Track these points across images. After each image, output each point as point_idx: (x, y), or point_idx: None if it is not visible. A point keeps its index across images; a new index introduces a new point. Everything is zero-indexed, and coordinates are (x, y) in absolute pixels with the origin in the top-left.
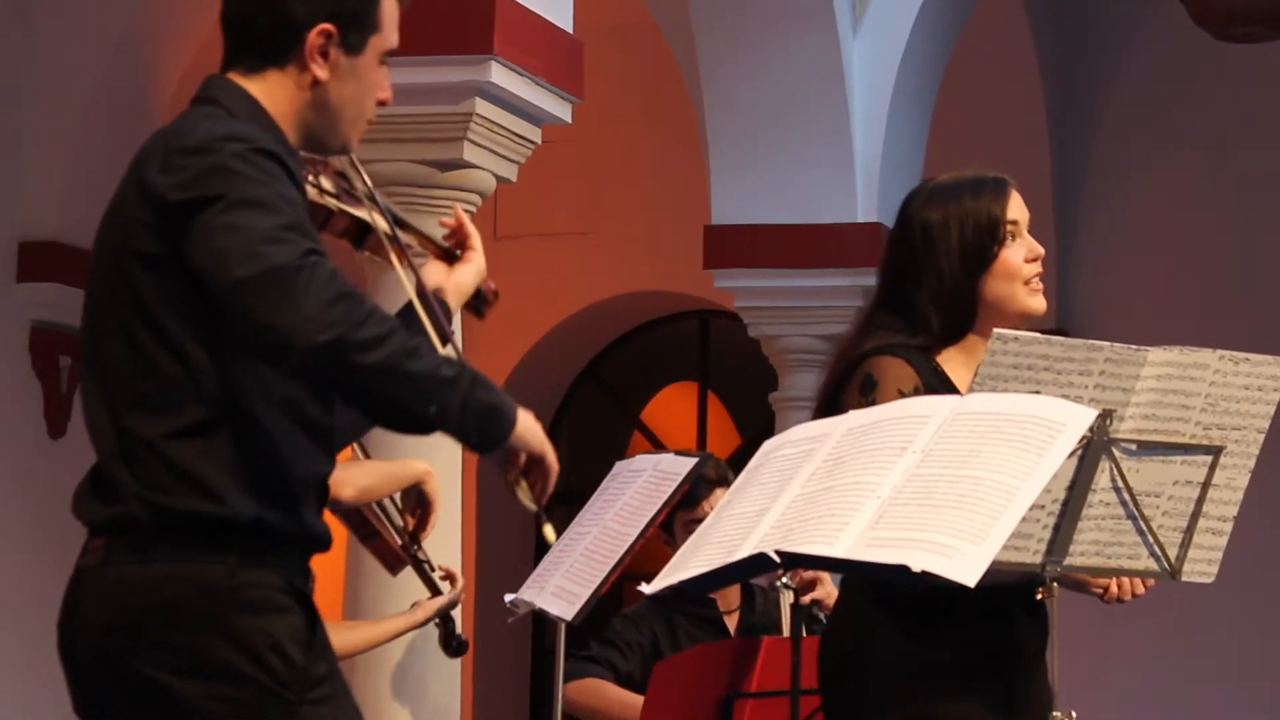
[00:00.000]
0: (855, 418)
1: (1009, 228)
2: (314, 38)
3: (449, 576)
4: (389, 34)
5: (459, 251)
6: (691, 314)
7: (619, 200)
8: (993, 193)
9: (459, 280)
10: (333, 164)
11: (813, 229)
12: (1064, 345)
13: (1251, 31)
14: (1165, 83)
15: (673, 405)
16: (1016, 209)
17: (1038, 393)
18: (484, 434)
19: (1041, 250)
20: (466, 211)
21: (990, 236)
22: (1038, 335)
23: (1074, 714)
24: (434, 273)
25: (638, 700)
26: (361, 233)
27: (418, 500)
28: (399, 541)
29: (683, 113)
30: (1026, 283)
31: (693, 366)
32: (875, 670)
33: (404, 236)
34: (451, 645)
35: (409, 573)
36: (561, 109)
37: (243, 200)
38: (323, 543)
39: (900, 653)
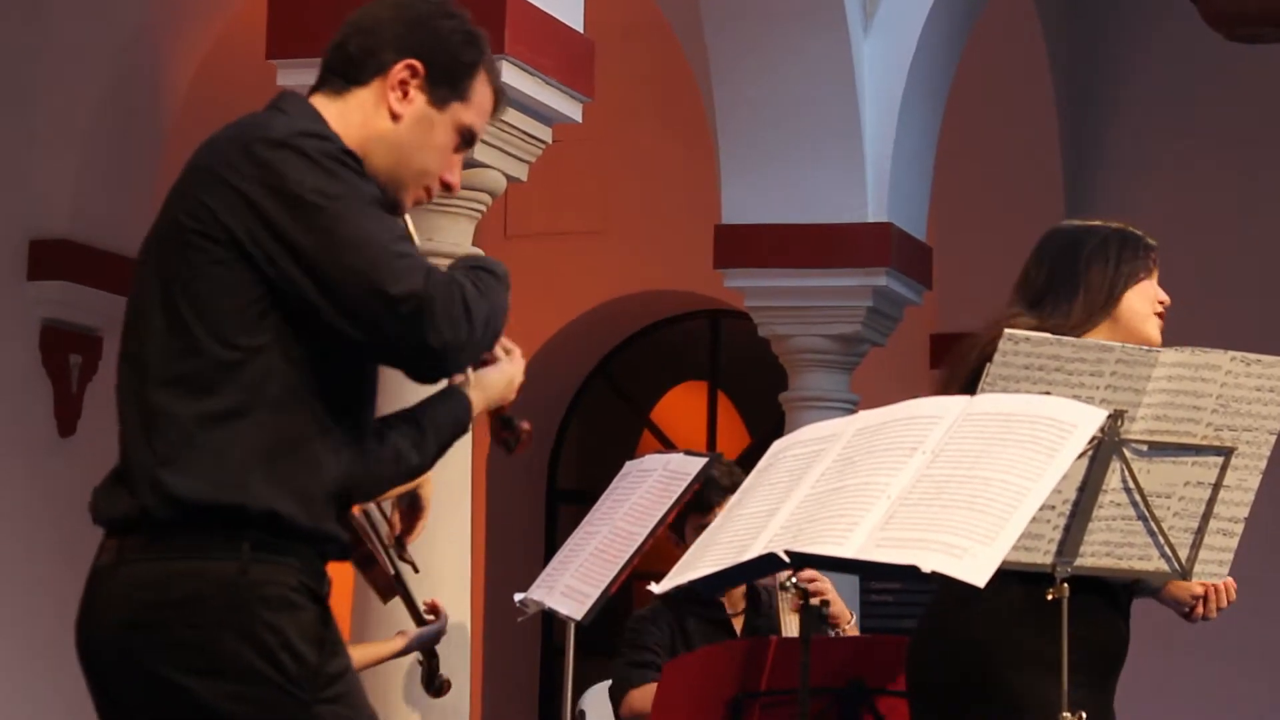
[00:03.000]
0: (865, 418)
1: (1153, 264)
2: (399, 69)
3: (433, 609)
4: (475, 114)
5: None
6: (702, 313)
7: (629, 200)
8: (1147, 241)
9: (484, 377)
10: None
11: (823, 229)
12: (1075, 346)
13: (1262, 33)
14: (1177, 82)
15: (683, 405)
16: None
17: (1049, 393)
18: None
19: (1169, 300)
20: (477, 211)
21: (1142, 260)
22: (1049, 336)
23: (1084, 715)
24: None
25: None
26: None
27: (410, 504)
28: (393, 571)
29: (693, 112)
30: (1156, 313)
31: (703, 366)
32: (986, 658)
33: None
34: (434, 685)
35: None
36: (572, 108)
37: (352, 210)
38: (339, 545)
39: (1014, 643)
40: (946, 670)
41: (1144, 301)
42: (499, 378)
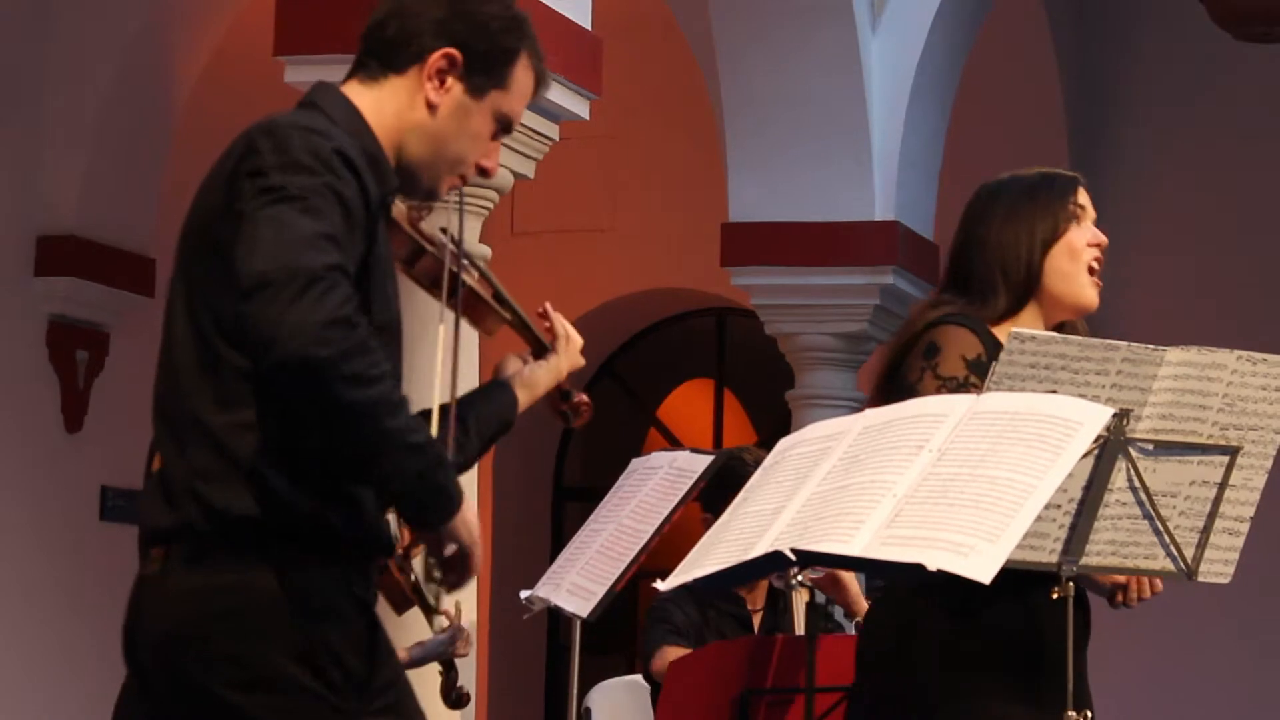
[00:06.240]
0: (871, 416)
1: (1077, 209)
2: (436, 58)
3: (448, 616)
4: (513, 101)
5: (551, 346)
6: (708, 311)
7: (636, 197)
8: (1065, 182)
9: (531, 375)
10: (437, 217)
11: (830, 226)
12: (1081, 344)
13: (1270, 31)
14: (1185, 79)
15: (689, 402)
16: (1084, 198)
17: (1054, 392)
18: (425, 511)
19: (1105, 240)
20: (483, 209)
21: (1059, 213)
22: (1055, 335)
23: (1089, 714)
24: (511, 362)
25: None
26: (450, 287)
27: None
28: (412, 579)
29: (701, 110)
30: (1089, 270)
31: (709, 363)
32: (917, 660)
33: (500, 311)
34: (451, 697)
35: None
36: (580, 106)
37: (296, 197)
38: (385, 546)
39: (942, 642)
40: (889, 669)
41: (1070, 258)
42: (546, 375)
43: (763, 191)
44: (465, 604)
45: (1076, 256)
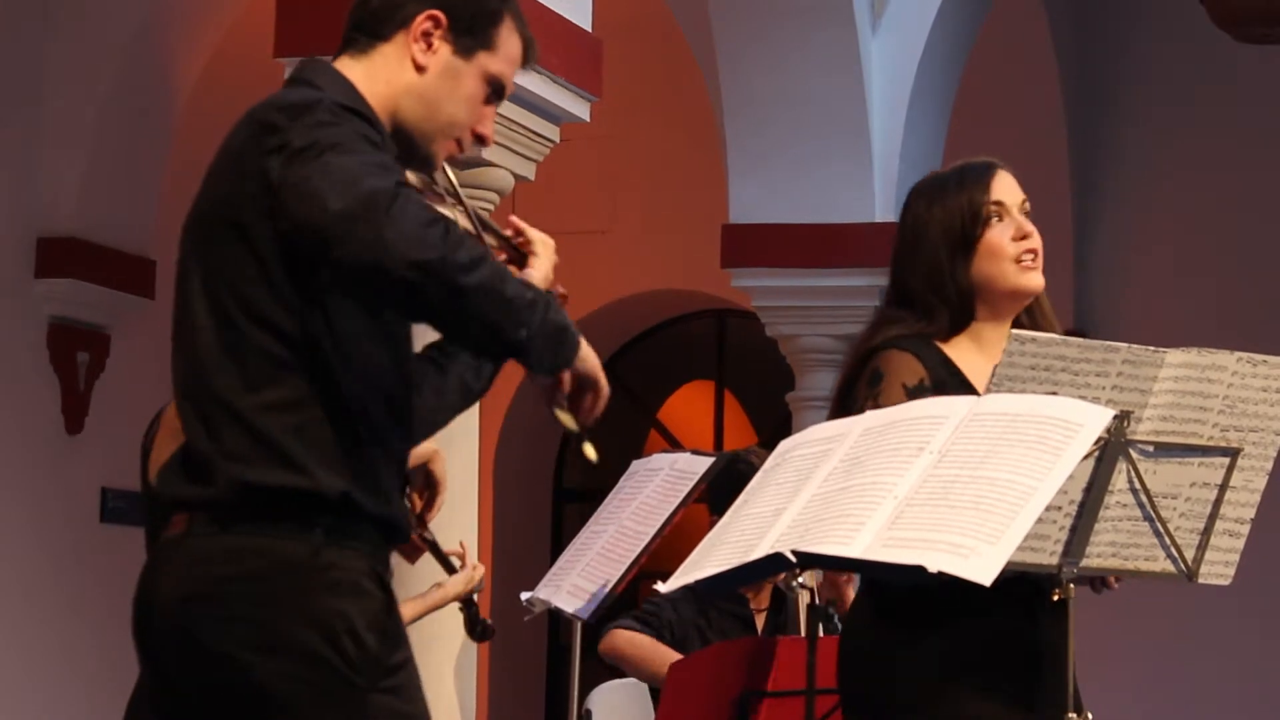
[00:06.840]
0: (872, 418)
1: (992, 208)
2: (421, 20)
3: (459, 556)
4: (502, 63)
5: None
6: (709, 313)
7: (637, 199)
8: (975, 177)
9: (529, 278)
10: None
11: (831, 228)
12: (1081, 346)
13: (1270, 31)
14: (1185, 79)
15: (690, 404)
16: (1002, 190)
17: (1055, 394)
18: (555, 356)
19: (1031, 229)
20: (484, 210)
21: (972, 220)
22: (1055, 336)
23: (1090, 715)
24: None
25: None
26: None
27: (425, 481)
28: (415, 531)
29: (701, 111)
30: (1017, 261)
31: (710, 365)
32: (895, 667)
33: (487, 238)
34: (476, 630)
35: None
36: (580, 107)
37: (332, 145)
38: (402, 531)
39: (919, 649)
40: (869, 677)
41: (992, 260)
42: (540, 273)
43: (763, 192)
44: (469, 546)
45: (999, 256)
